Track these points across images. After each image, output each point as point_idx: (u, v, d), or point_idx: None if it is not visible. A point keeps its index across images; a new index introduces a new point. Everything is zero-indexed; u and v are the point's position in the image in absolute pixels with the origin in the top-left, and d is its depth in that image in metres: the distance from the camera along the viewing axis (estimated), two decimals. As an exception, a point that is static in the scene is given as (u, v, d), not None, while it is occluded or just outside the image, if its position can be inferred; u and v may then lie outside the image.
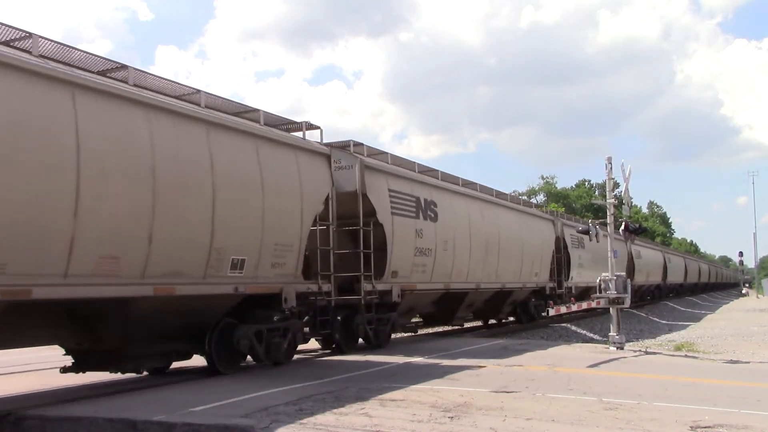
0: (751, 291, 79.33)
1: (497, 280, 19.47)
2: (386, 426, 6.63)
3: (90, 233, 7.82)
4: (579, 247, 26.89)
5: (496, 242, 19.31)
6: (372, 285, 13.52)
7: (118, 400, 8.32)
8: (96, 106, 8.17)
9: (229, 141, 10.16)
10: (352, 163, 13.19)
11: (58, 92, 7.75)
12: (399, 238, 14.32)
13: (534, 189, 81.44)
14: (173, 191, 9.00)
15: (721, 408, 7.68)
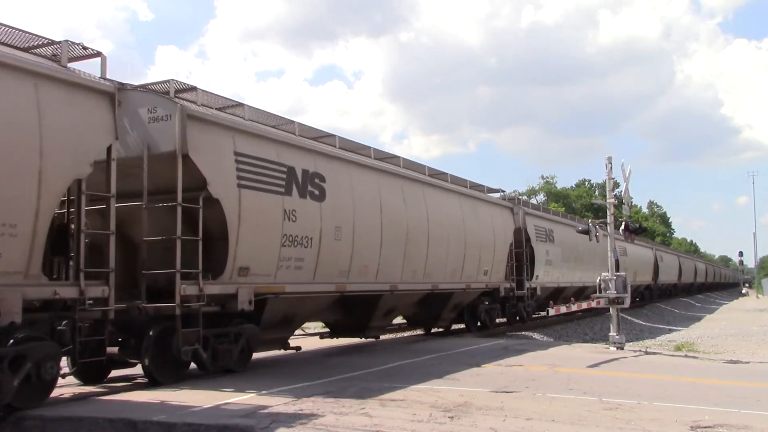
0: (751, 291, 79.32)
1: (425, 279, 15.41)
2: (386, 426, 6.63)
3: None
4: (547, 240, 23.39)
5: (425, 231, 15.18)
6: (199, 287, 9.67)
7: (118, 400, 8.32)
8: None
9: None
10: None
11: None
12: (252, 221, 10.52)
13: (534, 189, 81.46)
14: None
15: (721, 408, 7.68)
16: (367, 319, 14.42)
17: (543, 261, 22.69)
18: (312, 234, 11.65)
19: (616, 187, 16.81)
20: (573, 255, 26.06)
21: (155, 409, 7.47)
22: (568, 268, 25.63)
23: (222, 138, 10.25)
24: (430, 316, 17.68)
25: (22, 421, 7.30)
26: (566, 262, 25.26)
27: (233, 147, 10.34)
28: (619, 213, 16.14)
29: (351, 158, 13.40)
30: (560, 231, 25.00)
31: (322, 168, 12.15)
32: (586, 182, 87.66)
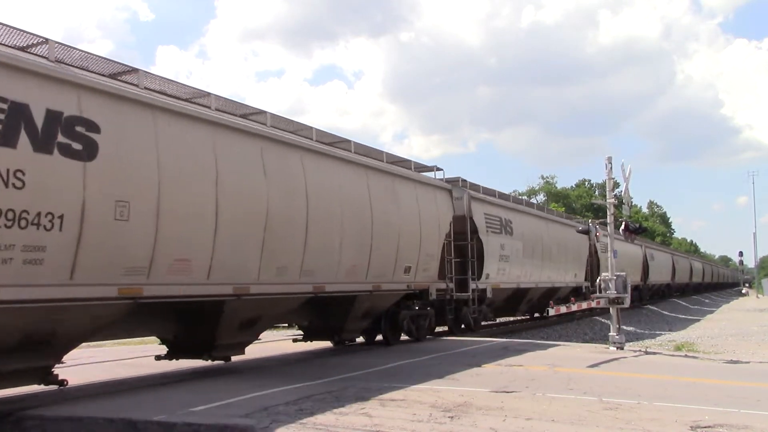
0: (751, 291, 79.32)
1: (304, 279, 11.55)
2: (386, 426, 6.63)
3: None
4: (502, 232, 19.90)
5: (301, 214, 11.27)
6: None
7: (118, 400, 8.32)
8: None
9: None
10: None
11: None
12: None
13: (534, 189, 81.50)
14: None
15: (721, 408, 7.67)
16: (211, 334, 10.33)
17: (496, 257, 19.19)
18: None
19: (616, 187, 16.81)
20: (539, 250, 22.52)
21: (155, 408, 7.47)
22: (533, 265, 21.96)
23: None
24: (330, 326, 13.65)
25: (22, 421, 7.30)
26: (530, 259, 21.59)
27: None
28: (619, 213, 16.14)
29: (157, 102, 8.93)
30: (522, 222, 21.47)
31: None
32: (586, 182, 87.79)
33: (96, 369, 11.75)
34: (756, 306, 46.42)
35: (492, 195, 20.50)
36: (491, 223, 19.18)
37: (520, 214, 21.91)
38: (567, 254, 25.41)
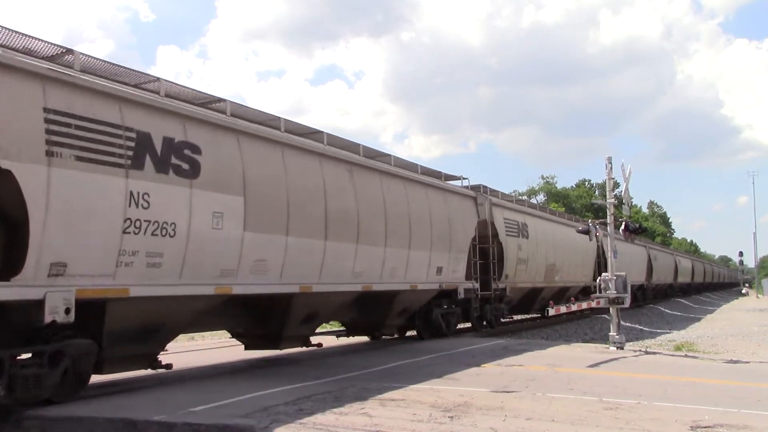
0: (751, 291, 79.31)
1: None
2: (386, 426, 6.63)
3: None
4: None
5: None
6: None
7: (118, 400, 8.32)
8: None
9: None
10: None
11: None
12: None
13: (534, 189, 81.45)
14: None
15: (721, 408, 7.68)
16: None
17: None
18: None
19: (616, 187, 16.81)
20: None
21: (155, 408, 7.47)
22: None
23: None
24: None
25: (22, 421, 7.30)
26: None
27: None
28: (619, 213, 16.14)
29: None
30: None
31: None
32: (586, 182, 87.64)
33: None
34: (756, 306, 46.40)
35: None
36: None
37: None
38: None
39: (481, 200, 18.67)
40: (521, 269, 20.90)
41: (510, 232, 20.23)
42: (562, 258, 24.90)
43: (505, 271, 19.78)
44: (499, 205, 20.08)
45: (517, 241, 20.64)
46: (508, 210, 20.63)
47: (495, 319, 19.98)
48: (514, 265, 20.32)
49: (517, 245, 20.59)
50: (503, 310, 20.69)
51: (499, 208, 19.97)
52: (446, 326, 17.12)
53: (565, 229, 25.69)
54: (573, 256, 25.89)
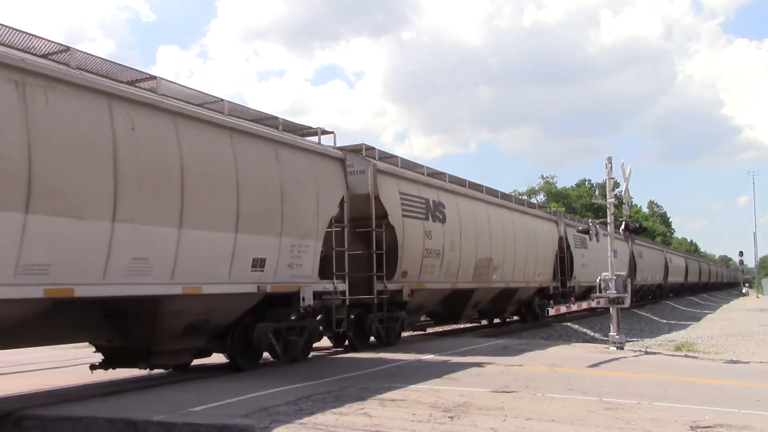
0: (751, 291, 79.31)
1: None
2: (386, 426, 6.63)
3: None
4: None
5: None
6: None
7: (118, 400, 8.32)
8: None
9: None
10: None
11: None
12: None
13: (534, 189, 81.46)
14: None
15: (721, 408, 7.67)
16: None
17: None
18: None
19: (616, 187, 16.81)
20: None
21: (155, 408, 7.47)
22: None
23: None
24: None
25: (22, 421, 7.30)
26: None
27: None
28: (619, 213, 16.14)
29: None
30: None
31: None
32: (586, 182, 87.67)
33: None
34: (756, 306, 46.40)
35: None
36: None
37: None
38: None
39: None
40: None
41: (412, 212, 15.04)
42: (505, 251, 19.98)
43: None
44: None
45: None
46: (409, 182, 15.48)
47: (388, 332, 14.78)
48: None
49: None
50: (404, 318, 15.44)
51: (393, 179, 14.85)
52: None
53: (515, 215, 21.16)
54: (522, 249, 21.13)
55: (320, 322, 12.39)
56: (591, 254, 26.92)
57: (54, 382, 10.20)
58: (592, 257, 26.83)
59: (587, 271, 26.46)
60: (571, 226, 26.06)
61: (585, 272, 26.47)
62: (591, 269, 26.24)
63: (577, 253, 26.43)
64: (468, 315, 19.88)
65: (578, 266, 26.20)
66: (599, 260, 25.25)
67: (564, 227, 25.23)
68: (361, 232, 13.78)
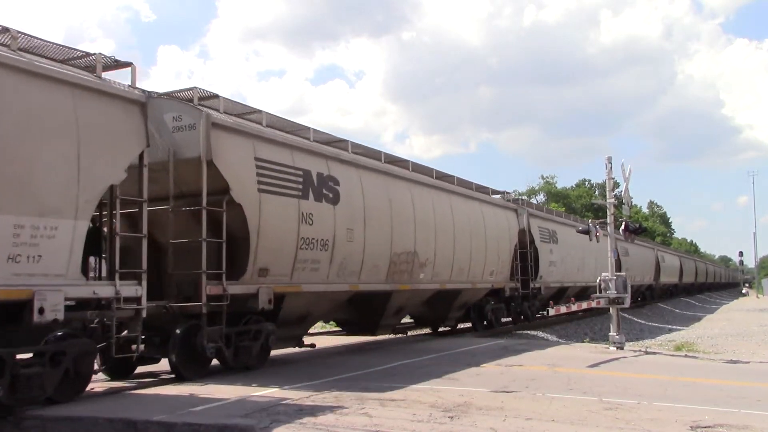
0: (751, 291, 79.30)
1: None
2: (386, 426, 6.63)
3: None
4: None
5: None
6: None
7: (118, 400, 8.32)
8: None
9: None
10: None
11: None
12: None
13: (534, 189, 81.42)
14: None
15: (721, 408, 7.68)
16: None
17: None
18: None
19: (616, 187, 16.80)
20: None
21: (155, 408, 7.47)
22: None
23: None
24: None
25: (22, 421, 7.30)
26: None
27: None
28: (619, 213, 16.14)
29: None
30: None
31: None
32: (586, 182, 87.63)
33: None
34: (756, 306, 46.40)
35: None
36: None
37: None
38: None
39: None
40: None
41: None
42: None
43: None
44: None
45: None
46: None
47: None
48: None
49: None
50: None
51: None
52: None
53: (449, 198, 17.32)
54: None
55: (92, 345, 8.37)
56: (562, 250, 24.06)
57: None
58: (563, 254, 24.18)
59: (557, 270, 23.60)
60: (537, 216, 22.93)
61: (554, 271, 23.30)
62: (562, 268, 24.13)
63: (544, 249, 22.33)
64: (389, 324, 15.96)
65: (545, 264, 22.24)
66: (573, 257, 25.49)
67: (527, 217, 21.20)
68: (191, 212, 10.20)
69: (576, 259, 25.91)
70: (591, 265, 26.56)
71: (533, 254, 21.53)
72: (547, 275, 22.67)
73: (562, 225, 25.59)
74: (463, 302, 18.35)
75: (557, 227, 24.64)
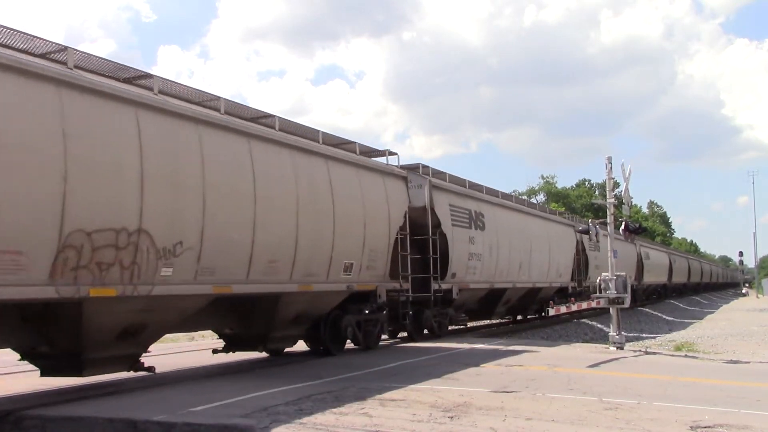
0: (751, 291, 79.34)
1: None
2: (386, 426, 6.63)
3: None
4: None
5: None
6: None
7: (118, 400, 8.32)
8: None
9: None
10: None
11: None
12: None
13: (534, 189, 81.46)
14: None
15: (721, 408, 7.68)
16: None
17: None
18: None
19: (616, 187, 16.81)
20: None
21: (155, 408, 7.47)
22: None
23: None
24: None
25: (22, 421, 7.30)
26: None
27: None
28: (619, 213, 16.15)
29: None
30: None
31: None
32: (586, 182, 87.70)
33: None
34: (756, 306, 46.43)
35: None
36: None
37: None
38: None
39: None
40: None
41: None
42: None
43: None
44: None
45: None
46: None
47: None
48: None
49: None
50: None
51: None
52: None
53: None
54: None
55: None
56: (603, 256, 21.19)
57: (54, 382, 10.18)
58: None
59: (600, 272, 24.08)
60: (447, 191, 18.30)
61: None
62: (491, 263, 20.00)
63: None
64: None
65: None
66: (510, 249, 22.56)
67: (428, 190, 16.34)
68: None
69: (519, 253, 21.05)
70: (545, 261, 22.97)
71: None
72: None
73: (495, 206, 20.34)
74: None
75: (485, 208, 19.36)
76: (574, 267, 26.04)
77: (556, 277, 24.03)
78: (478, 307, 20.29)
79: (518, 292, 21.65)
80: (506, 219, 20.61)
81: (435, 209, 16.35)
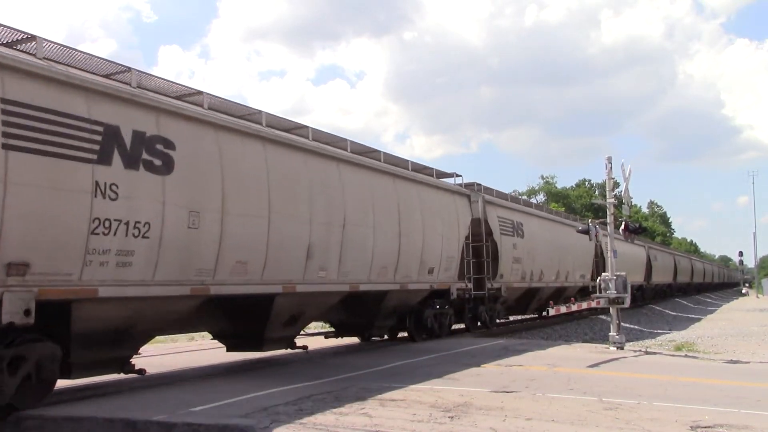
0: (751, 291, 79.33)
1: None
2: (386, 426, 6.63)
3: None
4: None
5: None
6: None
7: (118, 400, 8.32)
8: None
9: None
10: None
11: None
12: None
13: (534, 189, 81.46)
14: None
15: (721, 408, 7.67)
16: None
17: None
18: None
19: (616, 187, 16.80)
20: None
21: (155, 408, 7.47)
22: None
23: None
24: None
25: (22, 421, 7.30)
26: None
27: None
28: (619, 213, 16.13)
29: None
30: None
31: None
32: (586, 182, 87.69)
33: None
34: (756, 306, 46.42)
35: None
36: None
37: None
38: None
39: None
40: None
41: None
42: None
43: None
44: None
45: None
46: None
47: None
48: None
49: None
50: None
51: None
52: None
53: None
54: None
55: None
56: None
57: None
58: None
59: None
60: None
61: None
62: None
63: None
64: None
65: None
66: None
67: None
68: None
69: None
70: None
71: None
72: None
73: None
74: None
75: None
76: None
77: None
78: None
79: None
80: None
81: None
